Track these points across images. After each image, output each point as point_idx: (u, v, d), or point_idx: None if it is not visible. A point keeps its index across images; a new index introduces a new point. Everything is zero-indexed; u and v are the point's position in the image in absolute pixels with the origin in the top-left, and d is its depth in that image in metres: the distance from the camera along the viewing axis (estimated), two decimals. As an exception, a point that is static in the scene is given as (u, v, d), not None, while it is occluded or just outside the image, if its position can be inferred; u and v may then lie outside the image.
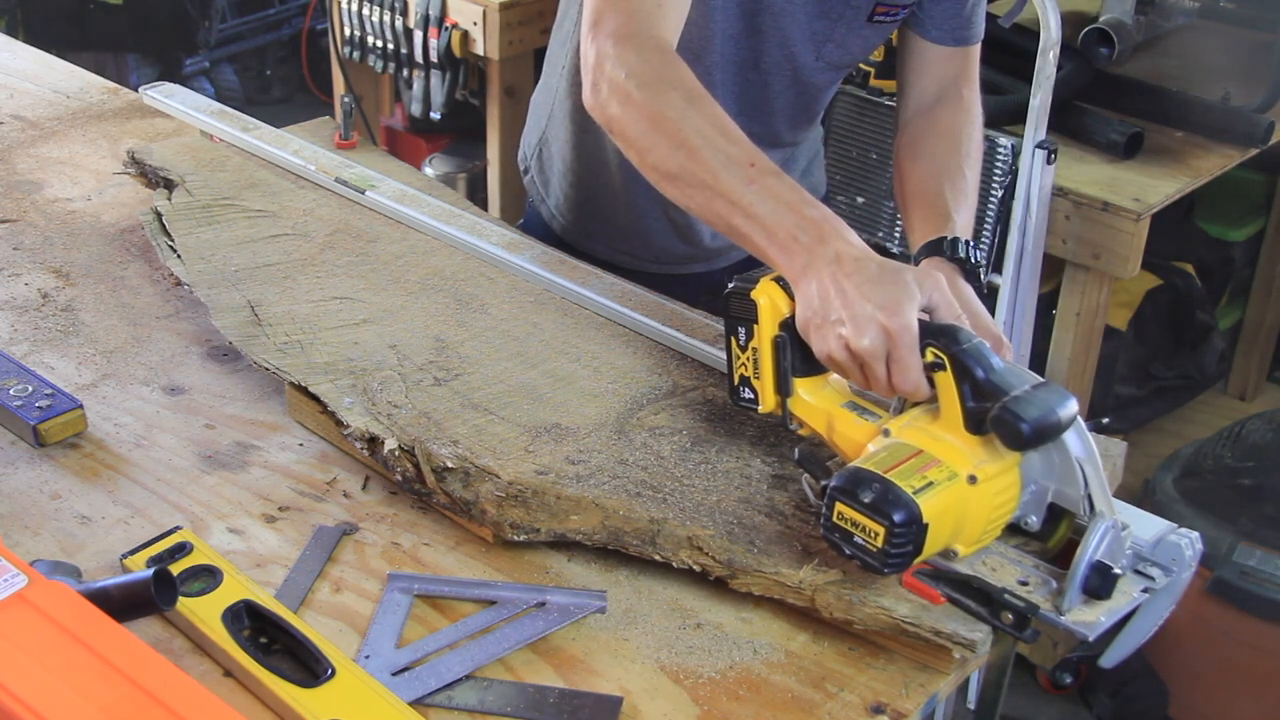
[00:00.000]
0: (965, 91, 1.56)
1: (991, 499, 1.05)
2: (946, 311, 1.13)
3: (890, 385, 1.10)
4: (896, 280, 1.10)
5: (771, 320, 1.17)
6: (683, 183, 1.22)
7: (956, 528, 1.05)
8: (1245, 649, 2.42)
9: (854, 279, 1.10)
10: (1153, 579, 1.07)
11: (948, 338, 1.07)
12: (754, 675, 1.06)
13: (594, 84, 1.28)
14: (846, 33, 1.51)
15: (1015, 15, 2.28)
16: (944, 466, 1.04)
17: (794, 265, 1.14)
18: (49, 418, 1.28)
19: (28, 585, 0.88)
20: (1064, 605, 1.04)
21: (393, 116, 3.61)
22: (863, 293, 1.09)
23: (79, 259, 1.61)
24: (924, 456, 1.05)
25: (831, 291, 1.11)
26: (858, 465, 1.06)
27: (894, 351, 1.08)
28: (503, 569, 1.16)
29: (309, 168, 1.70)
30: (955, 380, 1.06)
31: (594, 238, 1.71)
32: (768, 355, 1.18)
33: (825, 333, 1.12)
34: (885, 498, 1.02)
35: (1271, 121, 2.37)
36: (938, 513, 1.02)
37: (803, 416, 1.18)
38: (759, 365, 1.19)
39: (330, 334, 1.38)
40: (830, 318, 1.11)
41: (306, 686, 0.99)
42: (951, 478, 1.04)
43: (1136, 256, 2.24)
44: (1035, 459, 1.06)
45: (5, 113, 2.00)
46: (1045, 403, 1.03)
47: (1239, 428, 2.67)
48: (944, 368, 1.06)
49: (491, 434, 1.23)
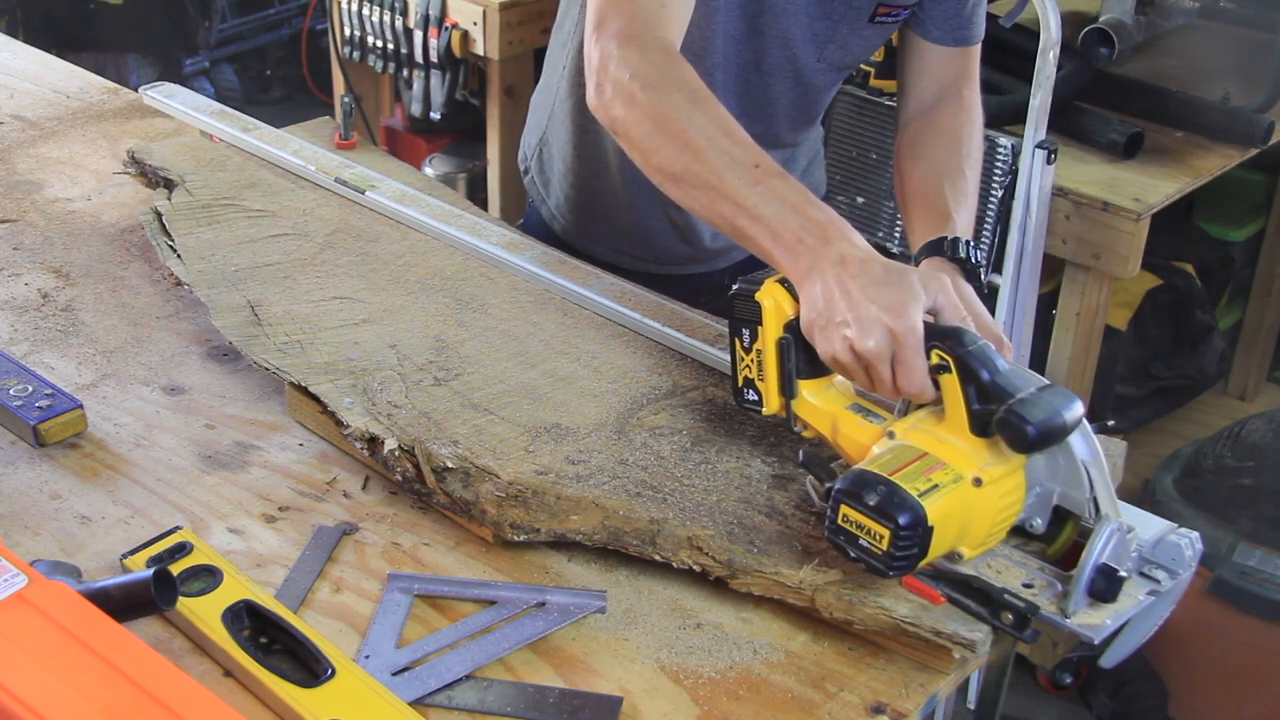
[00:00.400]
0: (966, 92, 1.56)
1: (997, 501, 1.05)
2: (952, 313, 1.13)
3: (895, 387, 1.10)
4: (902, 282, 1.10)
5: (776, 322, 1.17)
6: (687, 184, 1.22)
7: (962, 530, 1.05)
8: (1245, 649, 2.42)
9: (859, 280, 1.10)
10: (1158, 581, 1.07)
11: (953, 340, 1.07)
12: (754, 675, 1.06)
13: (598, 85, 1.28)
14: (848, 33, 1.51)
15: (1016, 16, 2.28)
16: (949, 469, 1.04)
17: (799, 267, 1.14)
18: (49, 418, 1.28)
19: (28, 585, 0.88)
20: (1069, 608, 1.04)
21: (393, 116, 3.61)
22: (868, 294, 1.09)
23: (79, 259, 1.61)
24: (929, 459, 1.05)
25: (836, 293, 1.11)
26: (863, 468, 1.06)
27: (899, 353, 1.08)
28: (503, 569, 1.16)
29: (309, 168, 1.70)
30: (960, 382, 1.06)
31: (594, 238, 1.71)
32: (772, 357, 1.18)
33: (830, 334, 1.11)
34: (890, 500, 1.01)
35: (1271, 121, 2.37)
36: (943, 515, 1.02)
37: (807, 418, 1.18)
38: (763, 367, 1.19)
39: (330, 334, 1.38)
40: (835, 319, 1.11)
41: (306, 686, 0.99)
42: (957, 480, 1.04)
43: (1136, 256, 2.24)
44: (1040, 461, 1.06)
45: (5, 113, 2.00)
46: (1051, 405, 1.03)
47: (1239, 428, 2.67)
48: (949, 370, 1.06)
49: (491, 434, 1.23)
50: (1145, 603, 1.06)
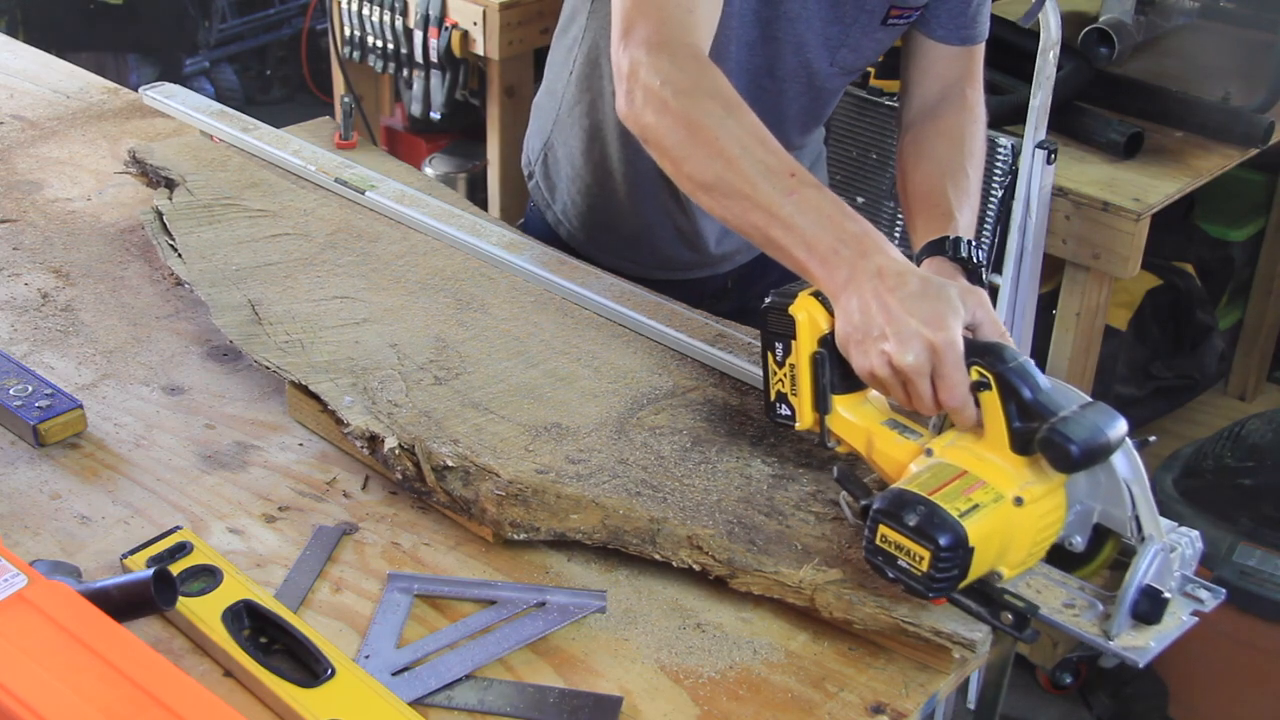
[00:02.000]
0: (969, 92, 1.55)
1: (1037, 521, 1.03)
2: (990, 329, 1.11)
3: (936, 402, 1.08)
4: (941, 295, 1.08)
5: (810, 336, 1.15)
6: (719, 193, 1.20)
7: (1002, 550, 1.03)
8: (1245, 649, 2.42)
9: (897, 294, 1.08)
10: (1201, 601, 1.06)
11: (993, 355, 1.05)
12: (754, 675, 1.06)
13: (628, 93, 1.26)
14: (860, 36, 1.51)
15: (1034, 16, 2.26)
16: (989, 488, 1.02)
17: (835, 280, 1.12)
18: (49, 418, 1.28)
19: (28, 585, 0.88)
20: (1113, 630, 1.02)
21: (393, 116, 3.61)
22: (906, 308, 1.07)
23: (79, 259, 1.61)
24: (969, 478, 1.03)
25: (874, 306, 1.09)
26: (902, 487, 1.04)
27: (939, 368, 1.07)
28: (503, 569, 1.16)
29: (309, 168, 1.70)
30: (1001, 399, 1.04)
31: (600, 245, 1.71)
32: (806, 372, 1.16)
33: (867, 349, 1.10)
34: (931, 521, 1.00)
35: (1271, 121, 2.37)
36: (984, 536, 1.00)
37: (841, 434, 1.17)
38: (796, 382, 1.17)
39: (330, 333, 1.38)
40: (873, 334, 1.09)
41: (306, 686, 0.99)
42: (997, 500, 1.02)
43: (1136, 256, 2.24)
44: (1081, 479, 1.04)
45: (5, 113, 2.00)
46: (1094, 424, 1.01)
47: (1239, 428, 2.67)
48: (989, 387, 1.04)
49: (492, 433, 1.23)
50: (1189, 623, 1.04)
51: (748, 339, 1.40)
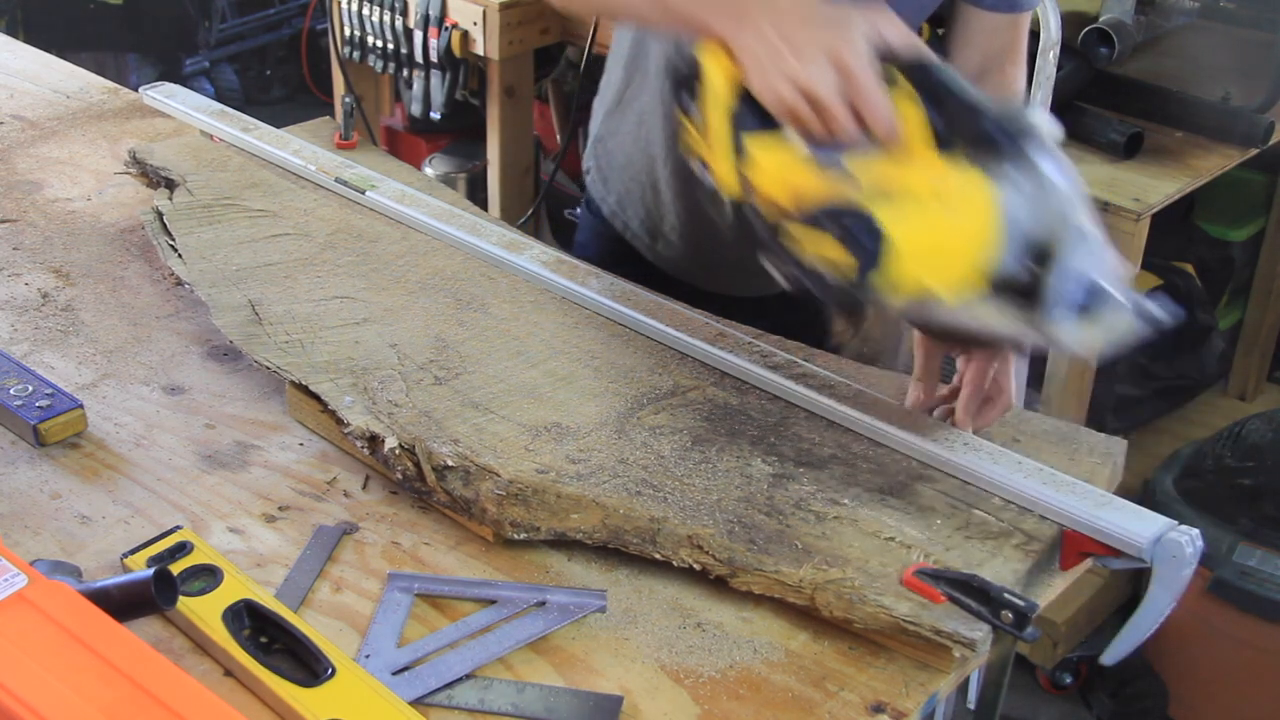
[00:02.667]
0: (1010, 68, 1.50)
1: (965, 223, 0.98)
2: (906, 50, 1.07)
3: (858, 123, 1.04)
4: (839, 11, 1.06)
5: (717, 78, 1.11)
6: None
7: (931, 258, 0.98)
8: (1245, 649, 2.42)
9: (793, 16, 1.07)
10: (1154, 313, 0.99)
11: (902, 59, 1.01)
12: (754, 674, 1.06)
13: None
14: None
15: None
16: (908, 192, 0.98)
17: (732, 21, 1.10)
18: (49, 417, 1.28)
19: (28, 585, 0.88)
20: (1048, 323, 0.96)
21: (393, 116, 3.61)
22: (806, 26, 1.05)
23: (79, 259, 1.61)
24: (887, 180, 0.99)
25: (772, 34, 1.07)
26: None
27: (852, 81, 1.03)
28: (503, 568, 1.16)
29: (309, 168, 1.70)
30: (919, 94, 0.99)
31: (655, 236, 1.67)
32: (719, 119, 1.11)
33: (770, 76, 1.07)
34: (856, 226, 0.96)
35: (1271, 121, 2.37)
36: (908, 237, 0.96)
37: (761, 185, 1.10)
38: (710, 132, 1.12)
39: (331, 333, 1.38)
40: (775, 59, 1.06)
41: (306, 686, 0.99)
42: (917, 200, 0.97)
43: (1136, 256, 2.24)
44: (1012, 194, 0.98)
45: (5, 113, 2.00)
46: (1015, 110, 0.97)
47: (1239, 428, 2.67)
48: (898, 84, 1.00)
49: (492, 433, 1.23)
50: (1142, 331, 0.98)
51: (748, 339, 1.40)
